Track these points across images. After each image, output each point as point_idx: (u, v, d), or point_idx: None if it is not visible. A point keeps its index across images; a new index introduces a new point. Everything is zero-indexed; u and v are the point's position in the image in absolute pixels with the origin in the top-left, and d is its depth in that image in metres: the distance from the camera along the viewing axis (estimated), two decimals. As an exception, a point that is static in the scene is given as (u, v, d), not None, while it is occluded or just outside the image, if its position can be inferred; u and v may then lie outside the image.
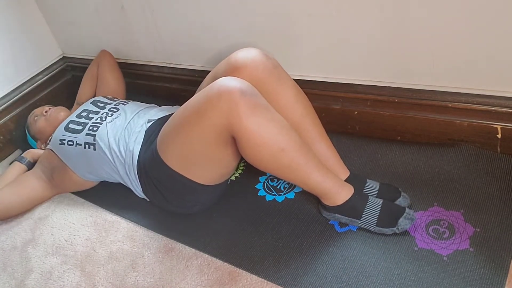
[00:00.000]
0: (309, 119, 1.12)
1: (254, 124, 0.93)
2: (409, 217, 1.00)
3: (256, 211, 1.17)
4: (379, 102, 1.22)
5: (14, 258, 1.24)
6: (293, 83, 1.12)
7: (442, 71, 1.10)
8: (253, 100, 0.94)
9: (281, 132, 0.96)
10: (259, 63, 1.07)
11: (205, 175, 1.10)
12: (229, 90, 0.93)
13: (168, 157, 1.09)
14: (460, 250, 0.94)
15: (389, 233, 1.00)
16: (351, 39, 1.17)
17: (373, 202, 1.03)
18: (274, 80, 1.08)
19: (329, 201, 1.04)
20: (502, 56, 1.00)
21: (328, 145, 1.13)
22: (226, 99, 0.93)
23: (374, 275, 0.94)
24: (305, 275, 0.97)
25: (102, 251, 1.18)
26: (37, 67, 1.85)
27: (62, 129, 1.35)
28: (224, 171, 1.13)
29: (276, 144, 0.95)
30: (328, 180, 1.01)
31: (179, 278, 1.06)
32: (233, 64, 1.08)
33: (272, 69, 1.08)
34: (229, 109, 0.93)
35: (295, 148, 0.97)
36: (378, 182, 1.11)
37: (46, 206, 1.39)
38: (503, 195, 1.02)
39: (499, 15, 0.95)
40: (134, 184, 1.23)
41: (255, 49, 1.09)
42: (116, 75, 1.64)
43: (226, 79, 0.97)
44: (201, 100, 0.99)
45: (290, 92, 1.10)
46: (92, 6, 1.64)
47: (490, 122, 1.09)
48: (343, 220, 1.05)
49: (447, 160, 1.13)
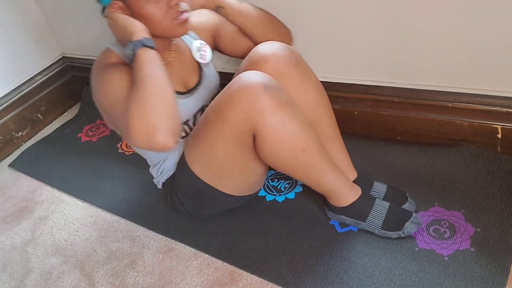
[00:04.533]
0: (327, 119, 1.08)
1: (277, 121, 0.89)
2: (416, 221, 0.99)
3: (256, 211, 1.16)
4: (379, 102, 1.22)
5: (14, 258, 1.24)
6: (316, 80, 1.06)
7: (443, 71, 1.10)
8: (277, 96, 0.90)
9: (302, 130, 0.93)
10: (282, 57, 1.00)
11: (228, 183, 1.05)
12: (250, 85, 0.89)
13: (192, 162, 1.03)
14: (461, 250, 0.94)
15: (394, 237, 0.99)
16: (351, 39, 1.17)
17: (379, 205, 1.01)
18: (297, 75, 1.01)
19: (337, 202, 1.03)
20: (502, 56, 1.00)
21: (341, 147, 1.10)
22: (248, 94, 0.88)
23: (375, 275, 0.94)
24: (306, 276, 0.97)
25: (102, 251, 1.18)
26: (36, 67, 1.84)
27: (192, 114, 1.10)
28: (250, 180, 1.07)
29: (297, 142, 0.92)
30: (339, 181, 1.00)
31: (179, 278, 1.05)
32: (254, 58, 1.01)
33: (296, 64, 1.01)
34: (252, 104, 0.88)
35: (314, 147, 0.95)
36: (385, 184, 1.09)
37: (46, 206, 1.38)
38: (503, 195, 1.02)
39: (499, 15, 0.95)
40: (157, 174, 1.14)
41: (278, 42, 1.02)
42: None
43: (247, 74, 0.91)
44: (221, 98, 0.94)
45: (312, 89, 1.04)
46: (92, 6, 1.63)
47: (491, 122, 1.09)
48: (347, 222, 1.05)
49: (448, 160, 1.13)
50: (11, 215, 1.39)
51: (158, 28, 0.97)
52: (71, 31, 1.81)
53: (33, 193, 1.46)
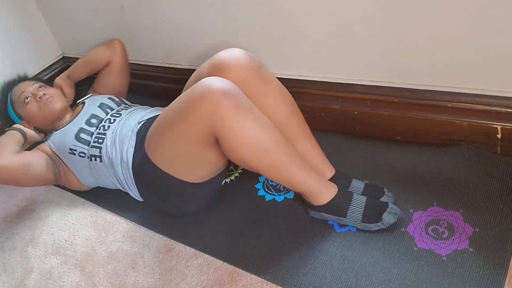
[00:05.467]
0: (295, 119, 1.12)
1: (237, 124, 0.94)
2: (393, 211, 1.01)
3: (255, 211, 1.17)
4: (378, 102, 1.22)
5: (14, 258, 1.24)
6: (278, 83, 1.12)
7: (442, 71, 1.10)
8: (236, 100, 0.94)
9: (264, 132, 0.96)
10: (243, 64, 1.06)
11: (192, 174, 1.10)
12: (211, 91, 0.93)
13: (156, 158, 1.09)
14: (460, 250, 0.94)
15: (375, 229, 1.01)
16: (351, 39, 1.17)
17: (357, 199, 1.03)
18: (259, 81, 1.07)
19: (314, 200, 1.04)
20: (502, 56, 1.00)
21: (312, 144, 1.13)
22: (208, 100, 0.93)
23: (373, 275, 0.94)
24: (305, 275, 0.97)
25: (102, 251, 1.18)
26: (37, 67, 1.85)
27: (73, 138, 1.30)
28: (211, 170, 1.13)
29: (259, 144, 0.96)
30: (311, 180, 1.02)
31: (179, 278, 1.06)
32: (217, 65, 1.07)
33: (257, 70, 1.07)
34: (212, 110, 0.93)
35: (278, 148, 0.98)
36: (363, 182, 1.12)
37: (46, 206, 1.39)
38: (502, 195, 1.02)
39: (499, 15, 0.95)
40: (132, 188, 1.23)
41: (239, 50, 1.08)
42: (126, 77, 1.58)
43: (209, 80, 0.96)
44: (184, 101, 0.99)
45: (275, 92, 1.10)
46: (92, 6, 1.64)
47: (490, 122, 1.09)
48: (329, 219, 1.06)
49: (447, 160, 1.13)
50: (11, 215, 1.40)
51: (39, 118, 1.39)
52: (71, 31, 1.81)
53: (33, 193, 1.46)
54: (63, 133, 1.34)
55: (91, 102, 1.42)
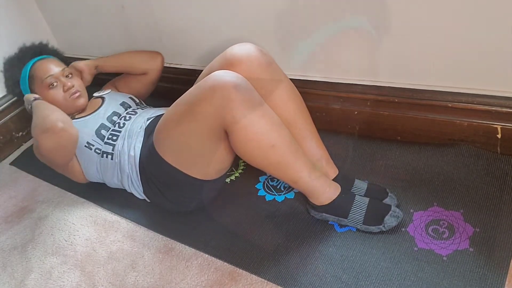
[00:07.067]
0: (301, 118, 1.12)
1: (246, 119, 0.94)
2: (395, 214, 1.01)
3: (256, 211, 1.16)
4: (379, 102, 1.22)
5: (14, 258, 1.24)
6: (288, 81, 1.12)
7: (442, 71, 1.10)
8: (247, 95, 0.95)
9: (272, 128, 0.97)
10: (254, 59, 1.07)
11: (200, 170, 1.10)
12: (223, 84, 0.94)
13: (164, 151, 1.09)
14: (460, 250, 0.94)
15: (376, 231, 1.01)
16: (350, 39, 1.16)
17: (359, 201, 1.03)
18: (269, 77, 1.08)
19: (316, 200, 1.04)
20: (502, 56, 1.00)
21: (318, 144, 1.13)
22: (219, 93, 0.93)
23: (373, 275, 0.94)
24: (305, 275, 0.97)
25: (102, 251, 1.18)
26: (37, 67, 1.84)
27: (93, 132, 1.27)
28: (219, 166, 1.12)
29: (267, 140, 0.96)
30: (316, 179, 1.02)
31: (179, 278, 1.06)
32: (229, 59, 1.08)
33: (267, 66, 1.08)
34: (222, 103, 0.93)
35: (285, 145, 0.98)
36: (366, 182, 1.11)
37: (46, 206, 1.39)
38: (502, 195, 1.02)
39: (499, 15, 0.95)
40: (136, 184, 1.22)
41: (251, 44, 1.09)
42: (152, 88, 1.56)
43: (220, 73, 0.97)
44: (195, 93, 0.99)
45: (284, 89, 1.10)
46: (92, 6, 1.64)
47: (490, 122, 1.09)
48: (330, 219, 1.06)
49: (447, 160, 1.13)
50: (11, 215, 1.40)
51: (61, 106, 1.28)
52: (71, 31, 1.82)
53: (33, 193, 1.46)
54: (83, 124, 1.29)
55: (111, 98, 1.40)
